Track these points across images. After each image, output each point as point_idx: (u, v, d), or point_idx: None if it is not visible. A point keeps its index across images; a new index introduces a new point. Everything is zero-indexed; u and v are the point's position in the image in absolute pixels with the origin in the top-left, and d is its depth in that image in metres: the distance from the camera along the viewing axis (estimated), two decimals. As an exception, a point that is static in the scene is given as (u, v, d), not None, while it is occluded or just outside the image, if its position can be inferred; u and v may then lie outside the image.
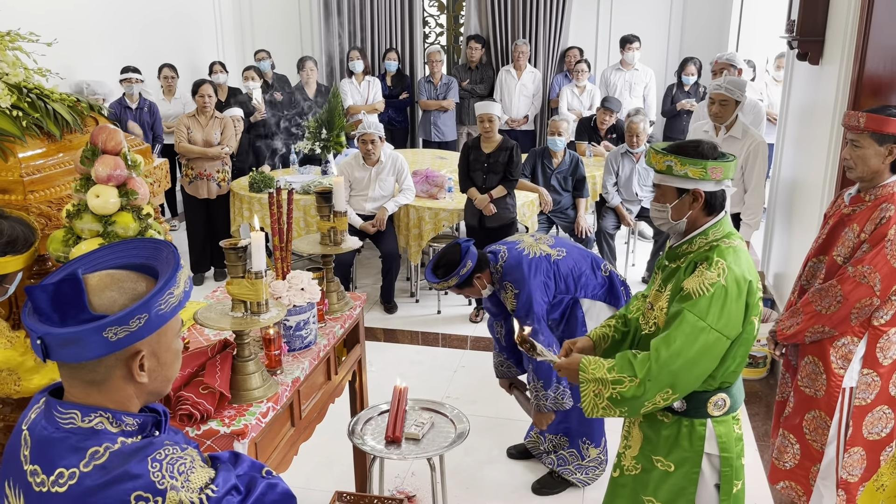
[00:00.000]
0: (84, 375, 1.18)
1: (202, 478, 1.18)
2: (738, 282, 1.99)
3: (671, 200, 2.08)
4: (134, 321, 1.14)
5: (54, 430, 1.17)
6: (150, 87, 6.89)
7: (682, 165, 2.01)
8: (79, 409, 1.17)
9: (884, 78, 3.16)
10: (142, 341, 1.17)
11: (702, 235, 2.08)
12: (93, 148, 1.98)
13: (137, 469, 1.13)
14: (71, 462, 1.14)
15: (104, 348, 1.13)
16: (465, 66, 7.85)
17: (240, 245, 2.10)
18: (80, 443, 1.15)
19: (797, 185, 4.40)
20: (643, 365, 1.99)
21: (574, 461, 3.34)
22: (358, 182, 5.19)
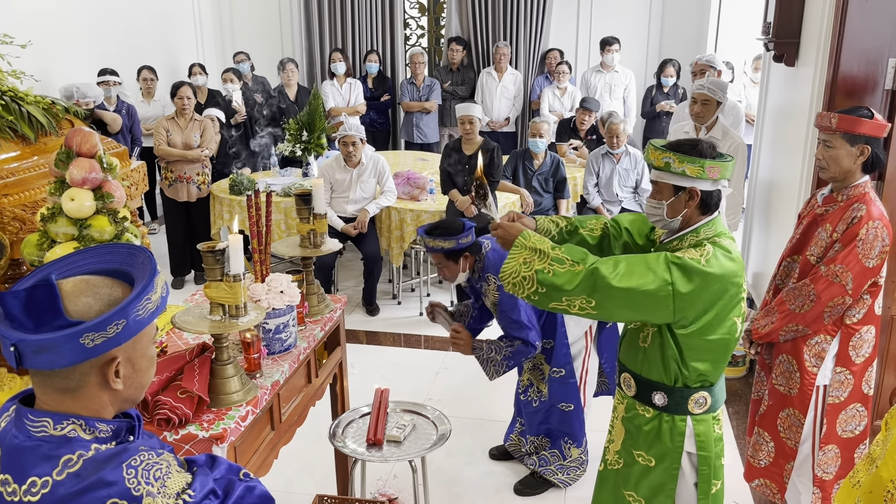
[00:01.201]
0: (57, 383, 1.15)
1: (179, 483, 1.17)
2: (716, 273, 1.99)
3: (667, 198, 2.09)
4: (112, 327, 1.12)
5: (25, 438, 1.15)
6: (128, 90, 6.83)
7: (679, 163, 2.02)
8: (51, 417, 1.15)
9: (857, 79, 3.20)
10: (118, 348, 1.16)
11: (693, 233, 2.09)
12: (67, 151, 1.96)
13: (112, 476, 1.11)
14: (44, 470, 1.12)
15: (80, 355, 1.11)
16: (446, 68, 7.86)
17: (218, 248, 2.09)
18: (52, 451, 1.13)
19: (774, 185, 4.45)
20: (595, 260, 1.99)
21: (556, 461, 3.35)
22: (339, 184, 5.18)
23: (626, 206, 5.69)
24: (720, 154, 2.09)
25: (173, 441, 2.02)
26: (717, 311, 2.05)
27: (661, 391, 2.15)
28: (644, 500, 2.24)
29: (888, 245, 2.50)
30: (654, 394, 2.17)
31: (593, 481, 3.38)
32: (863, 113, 2.51)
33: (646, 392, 2.19)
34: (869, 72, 3.12)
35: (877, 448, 1.66)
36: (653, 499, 2.23)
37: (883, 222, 2.50)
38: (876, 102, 3.01)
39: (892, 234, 2.53)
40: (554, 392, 3.23)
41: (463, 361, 4.52)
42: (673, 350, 2.09)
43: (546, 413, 3.26)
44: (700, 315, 2.04)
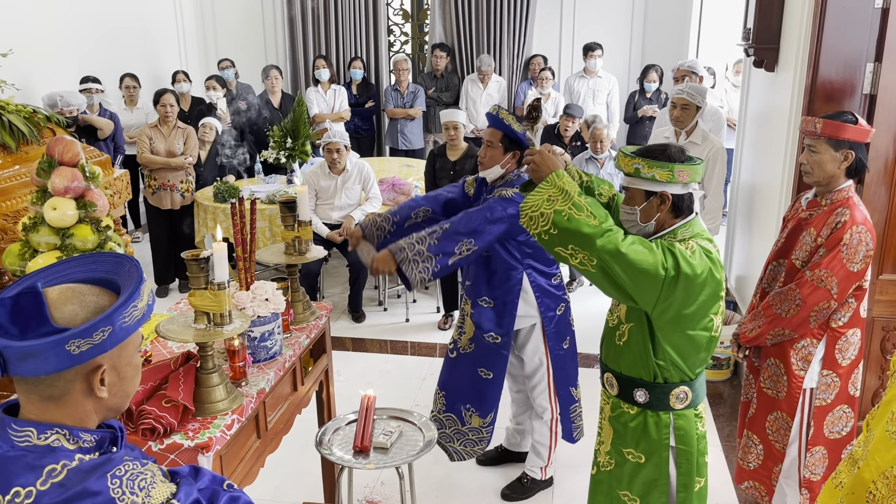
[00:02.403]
0: (42, 390, 1.15)
1: (164, 493, 1.16)
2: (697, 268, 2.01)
3: (639, 203, 2.13)
4: (98, 334, 1.12)
5: (9, 448, 1.14)
6: (111, 98, 6.79)
7: (649, 168, 2.06)
8: (34, 427, 1.14)
9: (836, 84, 3.25)
10: (103, 355, 1.15)
11: (670, 235, 2.12)
12: (49, 159, 1.95)
13: (96, 486, 1.11)
14: (27, 481, 1.11)
15: (66, 362, 1.11)
16: (430, 75, 7.88)
17: (202, 256, 2.08)
18: (36, 461, 1.12)
19: (756, 189, 4.49)
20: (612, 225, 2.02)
21: (452, 426, 3.25)
22: (324, 191, 5.17)
23: (611, 210, 5.71)
24: (689, 158, 2.12)
25: (158, 451, 2.01)
26: (697, 307, 2.08)
27: (643, 388, 2.18)
28: (639, 498, 2.26)
29: (872, 249, 2.53)
30: (636, 391, 2.20)
31: (578, 482, 3.41)
32: (847, 118, 2.54)
33: (628, 390, 2.21)
34: (847, 76, 3.17)
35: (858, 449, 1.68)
36: (647, 496, 2.24)
37: (866, 227, 2.53)
38: (854, 106, 3.05)
39: (875, 238, 2.56)
40: (478, 354, 3.14)
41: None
42: (650, 346, 2.12)
43: (458, 366, 3.18)
44: (680, 308, 2.06)
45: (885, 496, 1.47)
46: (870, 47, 2.99)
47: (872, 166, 2.96)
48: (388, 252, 2.78)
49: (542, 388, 3.23)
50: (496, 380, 3.16)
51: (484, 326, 3.11)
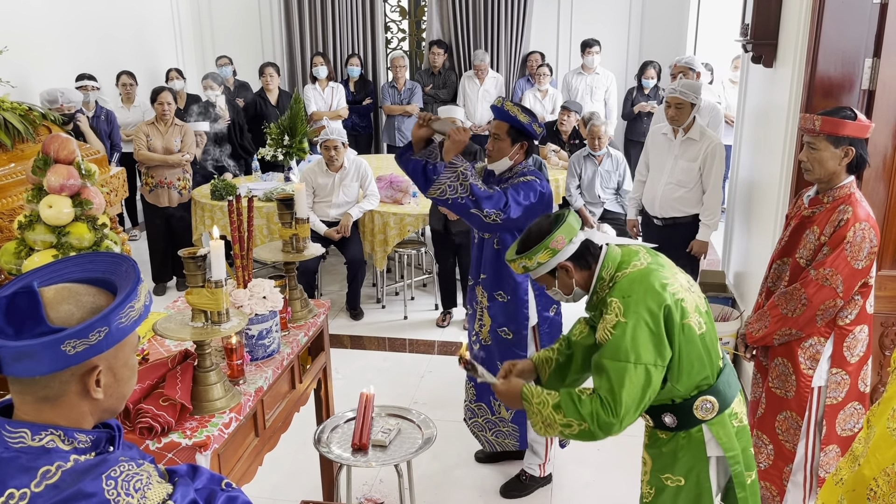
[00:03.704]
0: (37, 391, 1.13)
1: (160, 494, 1.14)
2: (640, 310, 1.98)
3: (552, 284, 2.15)
4: (94, 334, 1.10)
5: (3, 449, 1.13)
6: (107, 95, 6.77)
7: (530, 259, 2.08)
8: (28, 428, 1.13)
9: (834, 80, 3.24)
10: (99, 356, 1.14)
11: (599, 282, 2.11)
12: (45, 157, 1.93)
13: (91, 487, 1.09)
14: (22, 482, 1.09)
15: (61, 362, 1.09)
16: (427, 72, 7.86)
17: (199, 254, 2.07)
18: (30, 462, 1.11)
19: (754, 185, 4.48)
20: (589, 410, 1.99)
21: (483, 415, 3.28)
22: (322, 188, 5.16)
23: (609, 207, 5.71)
24: (556, 219, 2.11)
25: (156, 450, 2.00)
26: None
27: (668, 412, 2.15)
28: None
29: (876, 246, 2.52)
30: (664, 416, 2.16)
31: (576, 479, 3.41)
32: (846, 114, 2.52)
33: (657, 417, 2.19)
34: (846, 72, 3.16)
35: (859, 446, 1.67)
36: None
37: (870, 223, 2.51)
38: (853, 102, 3.04)
39: (879, 234, 2.55)
40: (496, 347, 3.17)
41: (447, 365, 4.52)
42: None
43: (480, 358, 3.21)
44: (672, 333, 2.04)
45: (886, 493, 1.47)
46: (868, 42, 2.98)
47: (871, 162, 2.95)
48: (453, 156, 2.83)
49: None
50: None
51: (498, 320, 3.13)
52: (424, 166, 2.85)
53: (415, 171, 2.87)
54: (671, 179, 4.34)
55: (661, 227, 4.46)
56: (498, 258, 3.06)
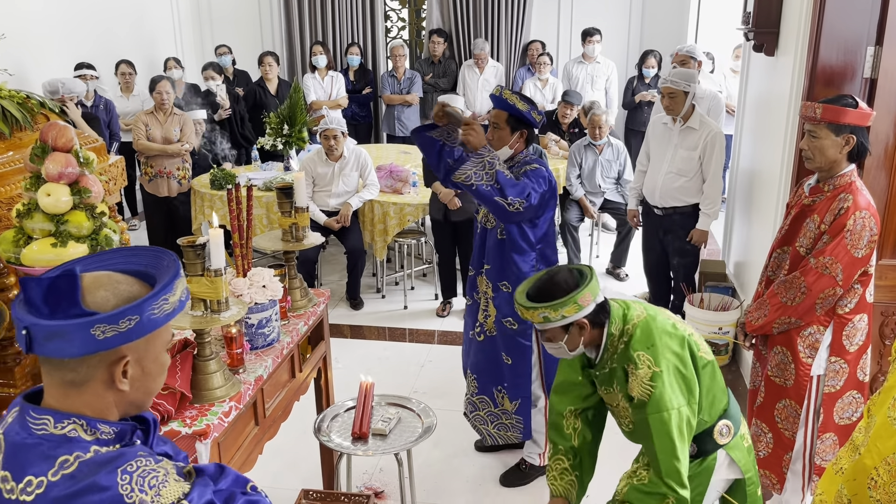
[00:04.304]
0: (65, 375, 1.13)
1: (175, 492, 1.13)
2: (667, 355, 2.02)
3: (560, 338, 2.09)
4: (124, 322, 1.11)
5: (27, 435, 1.13)
6: (106, 84, 6.74)
7: (555, 312, 2.02)
8: (52, 415, 1.13)
9: (836, 68, 3.22)
10: (128, 346, 1.14)
11: (609, 340, 2.10)
12: (43, 145, 1.92)
13: (106, 481, 1.09)
14: (40, 470, 1.10)
15: (90, 346, 1.10)
16: (427, 61, 7.83)
17: (198, 242, 2.06)
18: (51, 450, 1.11)
19: (755, 175, 4.47)
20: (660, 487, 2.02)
21: (485, 408, 3.27)
22: (321, 178, 5.15)
23: (609, 196, 5.70)
24: (580, 274, 2.09)
25: (156, 438, 2.00)
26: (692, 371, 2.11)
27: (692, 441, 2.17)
28: None
29: (876, 234, 2.52)
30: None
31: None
32: (847, 102, 2.51)
33: None
34: (848, 60, 3.14)
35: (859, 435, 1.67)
36: None
37: (870, 211, 2.51)
38: (855, 90, 3.03)
39: (879, 222, 2.54)
40: (500, 338, 3.16)
41: (447, 355, 4.52)
42: None
43: (485, 349, 3.20)
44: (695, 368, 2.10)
45: (887, 482, 1.47)
46: (870, 30, 2.96)
47: (872, 151, 2.94)
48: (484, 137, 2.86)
49: (534, 377, 3.23)
50: (517, 366, 3.16)
51: (504, 311, 3.11)
52: (442, 147, 2.85)
53: (428, 145, 2.88)
54: (671, 169, 4.33)
55: (661, 216, 4.45)
56: (501, 248, 3.06)
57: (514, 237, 3.01)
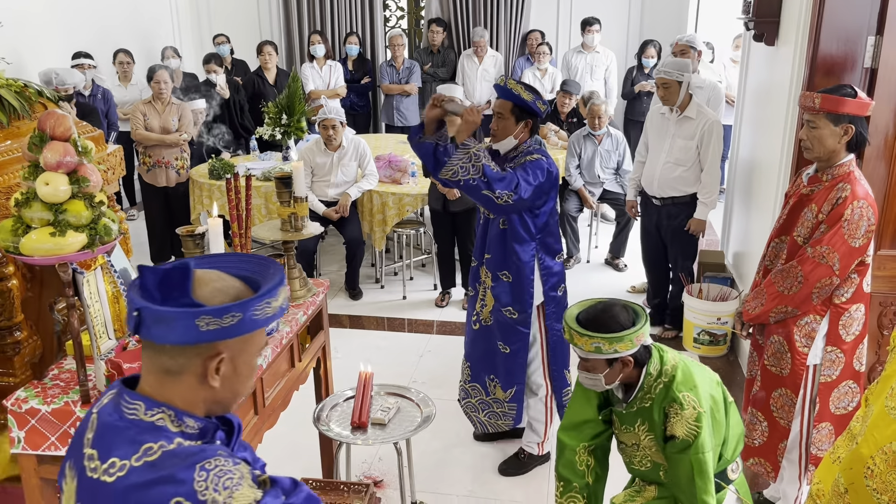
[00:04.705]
0: (164, 362, 1.18)
1: (247, 497, 1.14)
2: (706, 398, 2.10)
3: (602, 370, 2.10)
4: (228, 317, 1.15)
5: (119, 418, 1.18)
6: (104, 74, 6.71)
7: (610, 345, 2.03)
8: (144, 402, 1.18)
9: (837, 58, 3.22)
10: (226, 343, 1.19)
11: (647, 378, 2.12)
12: (41, 134, 1.91)
13: (184, 475, 1.11)
14: (125, 453, 1.14)
15: (191, 335, 1.15)
16: (426, 50, 7.80)
17: (197, 232, 2.06)
18: (138, 435, 1.16)
19: (755, 165, 4.47)
20: None
21: (477, 396, 3.29)
22: (320, 168, 5.14)
23: (608, 187, 5.69)
24: (635, 314, 2.12)
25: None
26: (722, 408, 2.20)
27: None
28: None
29: (874, 224, 2.52)
30: None
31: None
32: (846, 92, 2.51)
33: None
34: (848, 50, 3.14)
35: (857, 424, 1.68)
36: None
37: (868, 201, 2.51)
38: (855, 80, 3.02)
39: (877, 212, 2.54)
40: (497, 327, 3.16)
41: (446, 345, 4.53)
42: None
43: (480, 338, 3.20)
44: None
45: (884, 471, 1.47)
46: (871, 20, 2.95)
47: (872, 141, 2.94)
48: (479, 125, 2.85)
49: (537, 366, 3.24)
50: (514, 355, 3.16)
51: (502, 300, 3.11)
52: (435, 148, 2.84)
53: (426, 153, 2.86)
54: (669, 158, 4.32)
55: (659, 206, 4.45)
56: (503, 237, 3.05)
57: (516, 227, 3.01)
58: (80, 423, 1.25)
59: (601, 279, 5.57)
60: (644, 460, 2.23)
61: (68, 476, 1.22)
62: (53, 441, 2.07)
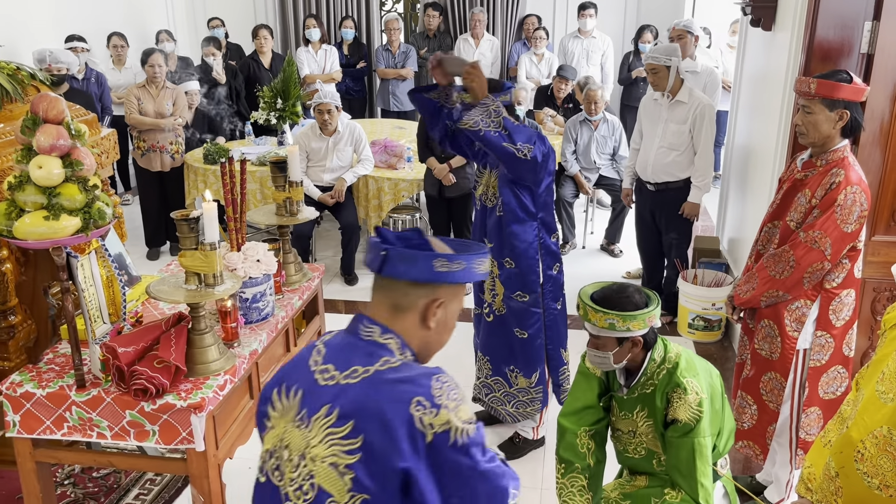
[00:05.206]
0: (396, 297, 1.42)
1: (468, 413, 1.37)
2: (711, 385, 2.15)
3: (611, 349, 2.14)
4: (456, 263, 1.40)
5: (356, 338, 1.42)
6: (97, 57, 6.67)
7: (623, 322, 2.07)
8: (380, 327, 1.42)
9: (833, 43, 3.21)
10: (445, 289, 1.43)
11: (650, 364, 2.16)
12: (34, 117, 1.91)
13: (423, 381, 1.35)
14: (366, 362, 1.38)
15: (427, 273, 1.38)
16: (422, 35, 7.76)
17: (192, 216, 2.06)
18: (374, 352, 1.39)
19: (750, 150, 4.47)
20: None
21: (501, 389, 3.28)
22: (315, 153, 5.12)
23: (604, 173, 5.69)
24: (647, 297, 2.16)
25: (151, 411, 2.01)
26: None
27: None
28: None
29: (866, 210, 2.52)
30: None
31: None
32: (841, 77, 2.50)
33: None
34: (845, 36, 3.13)
35: (847, 408, 1.69)
36: None
37: (861, 187, 2.51)
38: (851, 66, 3.02)
39: (870, 198, 2.55)
40: (511, 314, 3.16)
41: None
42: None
43: (496, 329, 3.20)
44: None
45: (874, 455, 1.48)
46: (868, 5, 2.94)
47: (868, 127, 2.93)
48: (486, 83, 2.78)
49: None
50: (532, 339, 3.16)
51: (511, 286, 3.10)
52: (440, 108, 2.83)
53: (429, 108, 2.86)
54: (662, 143, 4.32)
55: (654, 192, 4.45)
56: (500, 225, 3.04)
57: (514, 208, 3.00)
58: (300, 353, 1.48)
59: (597, 265, 5.58)
60: (639, 448, 2.25)
61: (281, 399, 1.42)
62: (49, 425, 2.08)
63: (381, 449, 1.30)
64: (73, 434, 2.08)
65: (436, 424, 1.31)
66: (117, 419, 2.04)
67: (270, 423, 1.43)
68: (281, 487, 1.38)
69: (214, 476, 2.12)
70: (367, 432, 1.31)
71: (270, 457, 1.41)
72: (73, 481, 3.12)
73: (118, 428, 2.05)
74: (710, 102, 4.28)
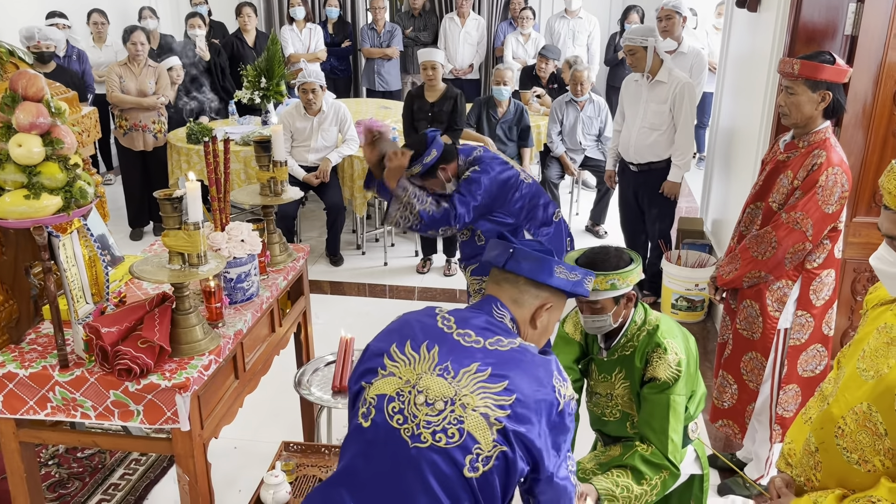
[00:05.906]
0: (515, 294, 1.63)
1: (571, 392, 1.57)
2: (687, 349, 2.19)
3: (610, 309, 2.17)
4: (573, 274, 1.64)
5: (488, 317, 1.60)
6: (78, 34, 6.56)
7: (623, 279, 2.13)
8: (509, 314, 1.62)
9: (818, 24, 3.22)
10: (555, 296, 1.64)
11: (632, 324, 2.21)
12: (13, 94, 1.87)
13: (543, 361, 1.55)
14: (509, 336, 1.57)
15: (546, 275, 1.60)
16: (408, 14, 7.70)
17: (175, 195, 2.04)
18: (509, 330, 1.60)
19: (735, 132, 4.48)
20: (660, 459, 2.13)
21: None
22: (300, 133, 5.08)
23: (590, 154, 5.69)
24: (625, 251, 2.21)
25: (135, 391, 2.00)
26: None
27: None
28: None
29: (847, 191, 2.55)
30: None
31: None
32: (825, 58, 2.51)
33: None
34: (829, 17, 3.14)
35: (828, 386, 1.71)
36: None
37: (842, 168, 2.53)
38: (835, 47, 3.03)
39: (851, 179, 2.57)
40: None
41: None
42: None
43: None
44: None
45: (854, 431, 1.51)
46: (853, -13, 2.95)
47: (850, 109, 2.95)
48: (404, 172, 2.98)
49: None
50: None
51: None
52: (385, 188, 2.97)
53: (384, 192, 3.03)
54: (644, 124, 4.33)
55: (636, 172, 4.46)
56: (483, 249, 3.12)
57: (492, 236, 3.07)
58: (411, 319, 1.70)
59: (581, 245, 5.58)
60: (614, 410, 2.29)
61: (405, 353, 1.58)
62: (32, 405, 2.06)
63: (526, 409, 1.47)
64: (57, 414, 2.07)
65: (567, 396, 1.54)
66: (101, 399, 2.03)
67: (386, 372, 1.56)
68: (402, 429, 1.49)
69: (199, 456, 2.12)
70: (520, 391, 1.48)
71: (389, 401, 1.52)
72: (58, 461, 3.11)
73: (102, 408, 2.04)
74: (689, 81, 4.28)
